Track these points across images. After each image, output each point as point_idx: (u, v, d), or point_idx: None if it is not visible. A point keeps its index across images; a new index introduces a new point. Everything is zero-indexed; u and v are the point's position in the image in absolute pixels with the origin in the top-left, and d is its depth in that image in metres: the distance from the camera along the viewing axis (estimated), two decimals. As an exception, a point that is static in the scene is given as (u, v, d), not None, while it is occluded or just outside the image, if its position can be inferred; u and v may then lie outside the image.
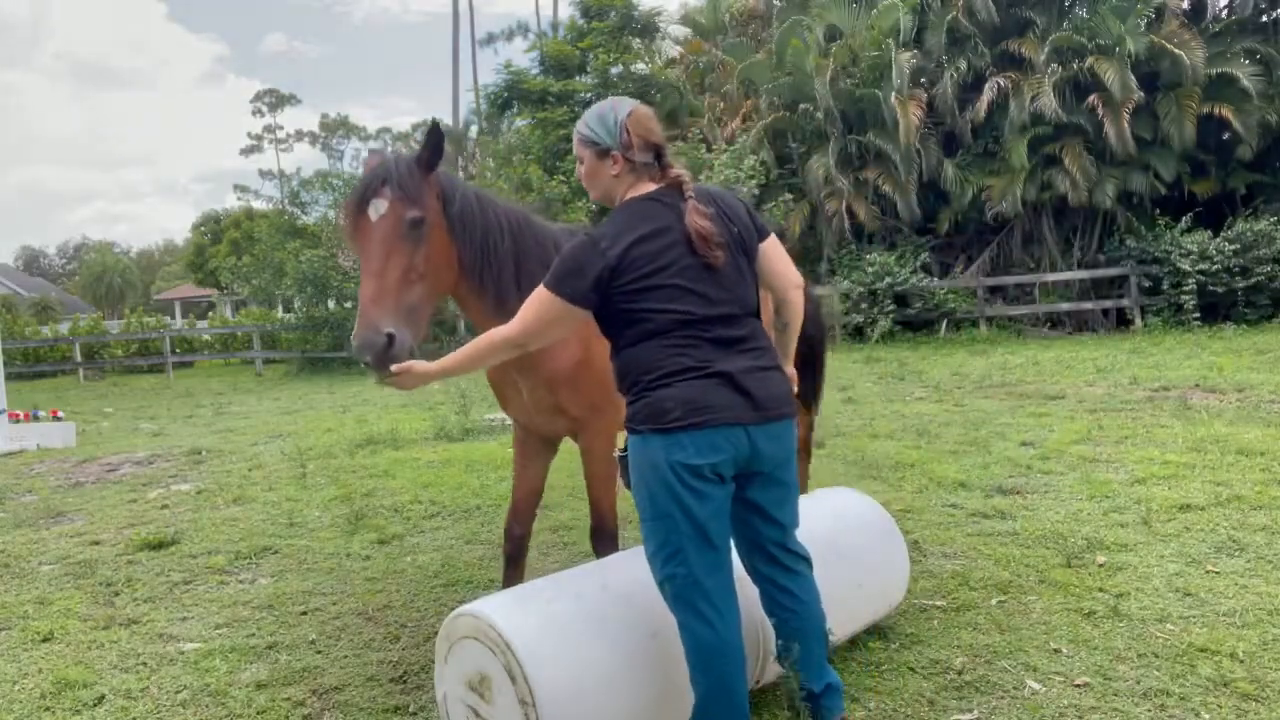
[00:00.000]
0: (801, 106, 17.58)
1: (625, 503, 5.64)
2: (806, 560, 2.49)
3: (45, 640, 3.77)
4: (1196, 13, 16.19)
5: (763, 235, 2.43)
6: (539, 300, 2.32)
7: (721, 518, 2.27)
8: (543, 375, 3.03)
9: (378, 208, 2.59)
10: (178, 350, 23.32)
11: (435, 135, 2.66)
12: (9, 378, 15.99)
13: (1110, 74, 14.50)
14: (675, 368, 2.21)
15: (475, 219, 2.84)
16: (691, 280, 2.24)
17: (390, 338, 2.46)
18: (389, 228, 2.57)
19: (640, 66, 22.43)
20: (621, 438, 2.57)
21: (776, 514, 2.39)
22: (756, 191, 16.33)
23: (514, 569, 3.43)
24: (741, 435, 2.22)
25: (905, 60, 15.90)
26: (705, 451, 2.17)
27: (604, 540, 3.33)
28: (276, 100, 55.96)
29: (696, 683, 2.28)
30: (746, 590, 2.49)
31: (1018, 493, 5.19)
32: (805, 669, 2.47)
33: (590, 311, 2.31)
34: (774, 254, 2.46)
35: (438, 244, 2.71)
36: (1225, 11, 16.54)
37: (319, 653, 3.49)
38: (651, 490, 2.24)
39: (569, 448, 3.60)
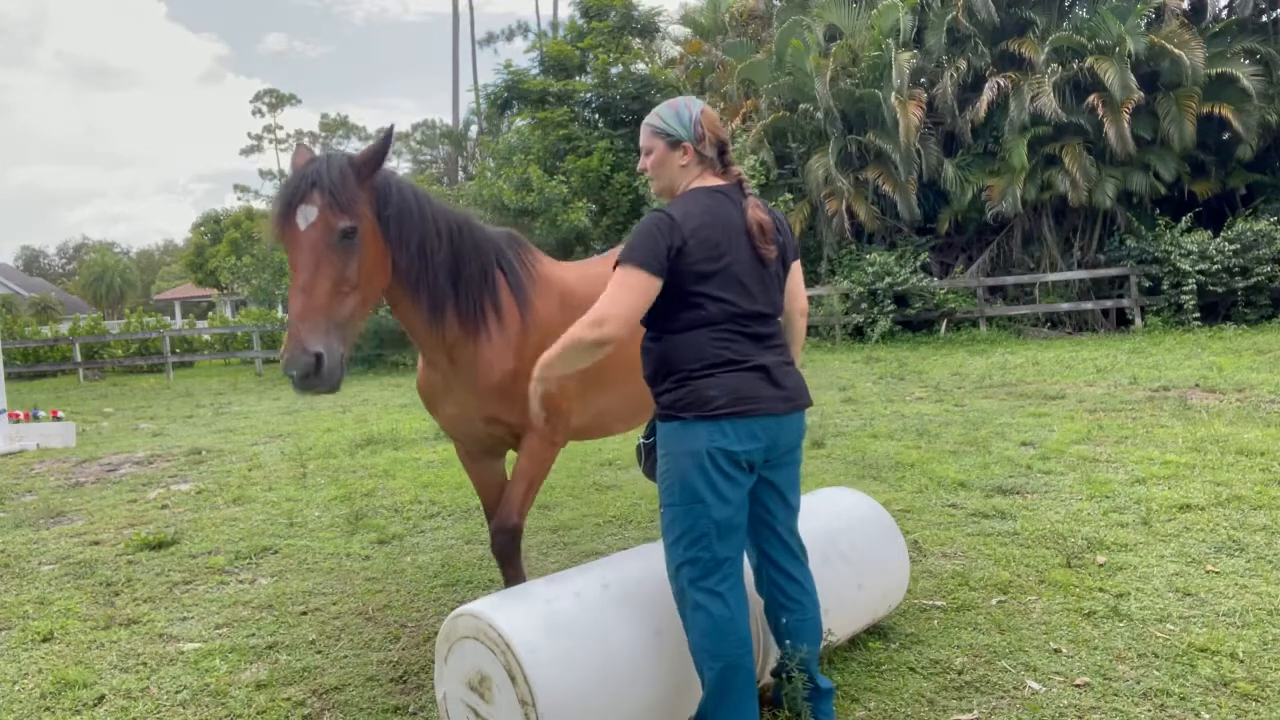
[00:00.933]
0: (801, 106, 17.58)
1: (624, 502, 5.63)
2: (806, 553, 2.63)
3: (45, 640, 3.77)
4: (1196, 13, 16.19)
5: (795, 255, 2.61)
6: (630, 283, 2.27)
7: (744, 508, 2.39)
8: (478, 387, 2.93)
9: (306, 215, 2.47)
10: (177, 350, 23.32)
11: (384, 141, 2.59)
12: (9, 378, 16.01)
13: (1110, 74, 14.51)
14: (720, 359, 2.33)
15: (413, 224, 2.74)
16: (743, 274, 2.37)
17: (318, 357, 2.39)
18: (318, 238, 2.46)
19: (640, 66, 22.42)
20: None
21: (790, 495, 2.53)
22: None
23: (511, 569, 3.41)
24: (774, 425, 2.37)
25: (905, 60, 15.89)
26: (745, 439, 2.30)
27: (503, 534, 3.10)
28: (276, 100, 55.99)
29: (708, 668, 2.32)
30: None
31: (1018, 493, 5.19)
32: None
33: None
34: (798, 275, 2.66)
35: (371, 252, 2.60)
36: (1225, 11, 16.53)
37: (319, 653, 3.49)
38: (686, 475, 2.30)
39: (574, 447, 3.60)
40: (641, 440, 2.53)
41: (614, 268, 2.36)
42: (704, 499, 2.29)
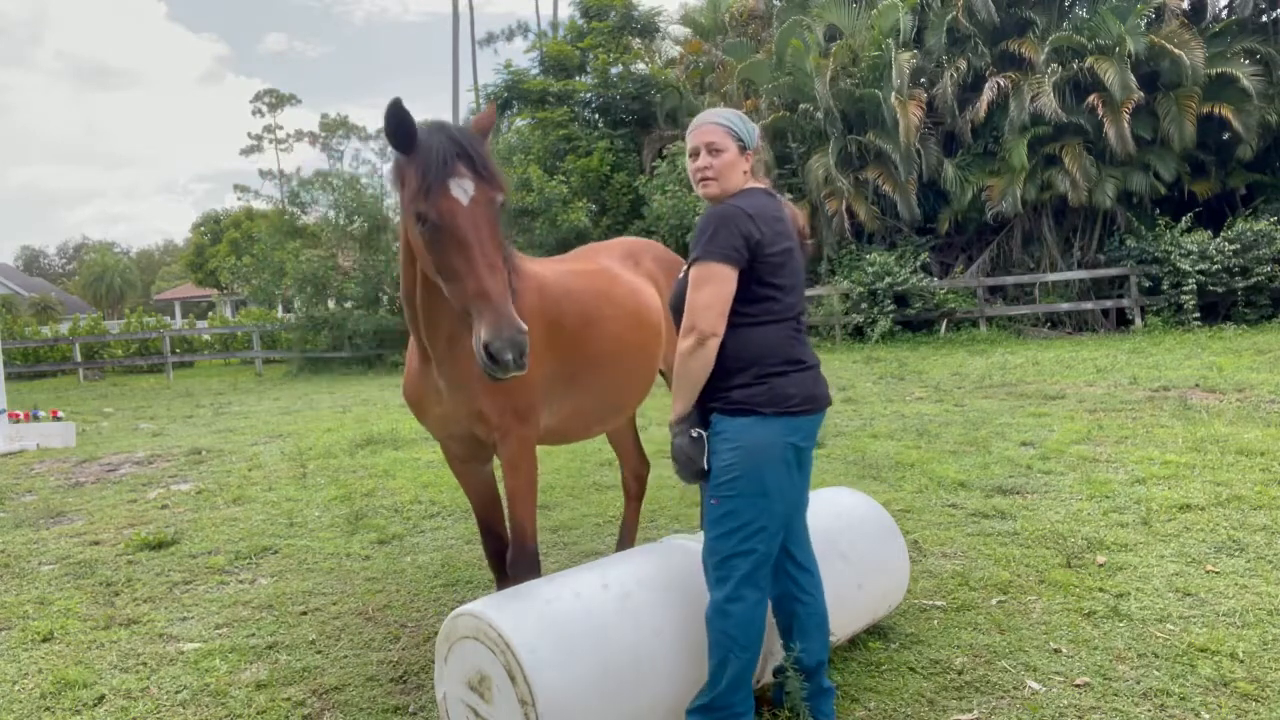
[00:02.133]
0: (801, 106, 17.57)
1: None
2: (814, 557, 2.73)
3: (45, 640, 3.77)
4: (1196, 13, 16.18)
5: None
6: (712, 274, 2.35)
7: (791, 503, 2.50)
8: (467, 378, 2.83)
9: (464, 188, 2.38)
10: (177, 350, 23.33)
11: (494, 111, 2.64)
12: (9, 378, 16.00)
13: (1110, 74, 14.50)
14: (792, 357, 2.45)
15: None
16: (796, 272, 2.51)
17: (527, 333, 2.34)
18: (488, 213, 2.41)
19: (640, 66, 22.44)
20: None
21: (807, 489, 2.65)
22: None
23: (507, 581, 3.32)
24: (819, 421, 2.53)
25: (905, 60, 15.89)
26: (809, 436, 2.47)
27: (525, 565, 3.00)
28: (276, 100, 55.92)
29: (735, 658, 2.35)
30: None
31: (1018, 493, 5.19)
32: (805, 664, 2.52)
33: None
34: None
35: None
36: (1225, 11, 16.53)
37: (319, 653, 3.49)
38: (759, 469, 2.36)
39: (574, 448, 3.59)
40: (697, 430, 2.44)
41: (688, 265, 2.41)
42: (770, 493, 2.37)
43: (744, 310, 2.41)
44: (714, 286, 2.34)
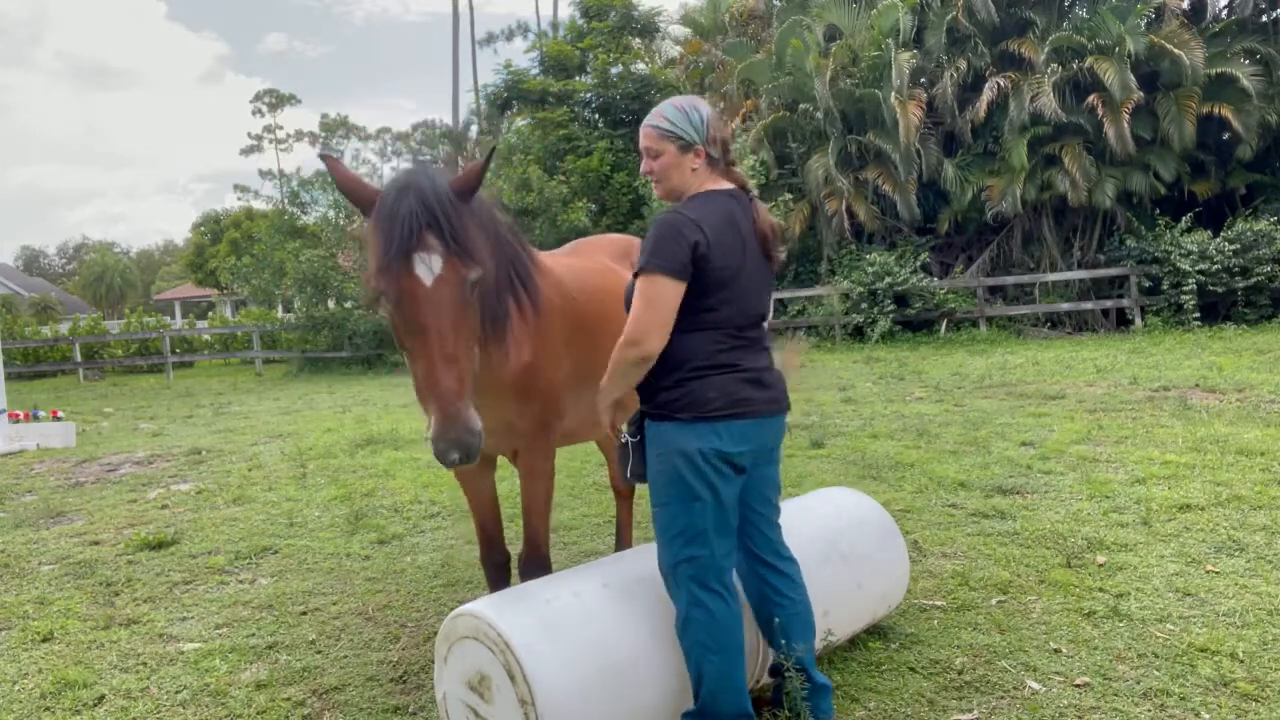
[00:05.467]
0: (801, 106, 17.58)
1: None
2: (789, 549, 2.65)
3: (45, 640, 3.77)
4: (1196, 13, 16.19)
5: None
6: (658, 293, 2.25)
7: (735, 505, 2.43)
8: (493, 385, 2.71)
9: (429, 265, 2.13)
10: (177, 350, 23.32)
11: (486, 162, 2.36)
12: (9, 378, 15.99)
13: (1110, 74, 14.50)
14: (717, 362, 2.35)
15: (498, 250, 2.53)
16: (752, 279, 2.40)
17: (480, 435, 2.16)
18: (450, 293, 2.14)
19: (640, 66, 22.43)
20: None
21: (772, 494, 2.59)
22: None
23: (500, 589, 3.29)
24: (761, 426, 2.42)
25: (905, 60, 15.89)
26: (738, 441, 2.34)
27: (536, 568, 3.00)
28: (276, 100, 55.88)
29: (708, 662, 2.33)
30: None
31: (1018, 493, 5.18)
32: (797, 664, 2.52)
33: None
34: None
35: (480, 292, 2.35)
36: (1225, 11, 16.53)
37: (319, 653, 3.49)
38: (680, 474, 2.32)
39: (574, 449, 3.58)
40: (628, 438, 2.45)
41: (634, 276, 2.33)
42: (701, 496, 2.32)
43: (679, 318, 2.32)
44: (656, 301, 2.25)
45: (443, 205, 2.18)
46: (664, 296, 2.26)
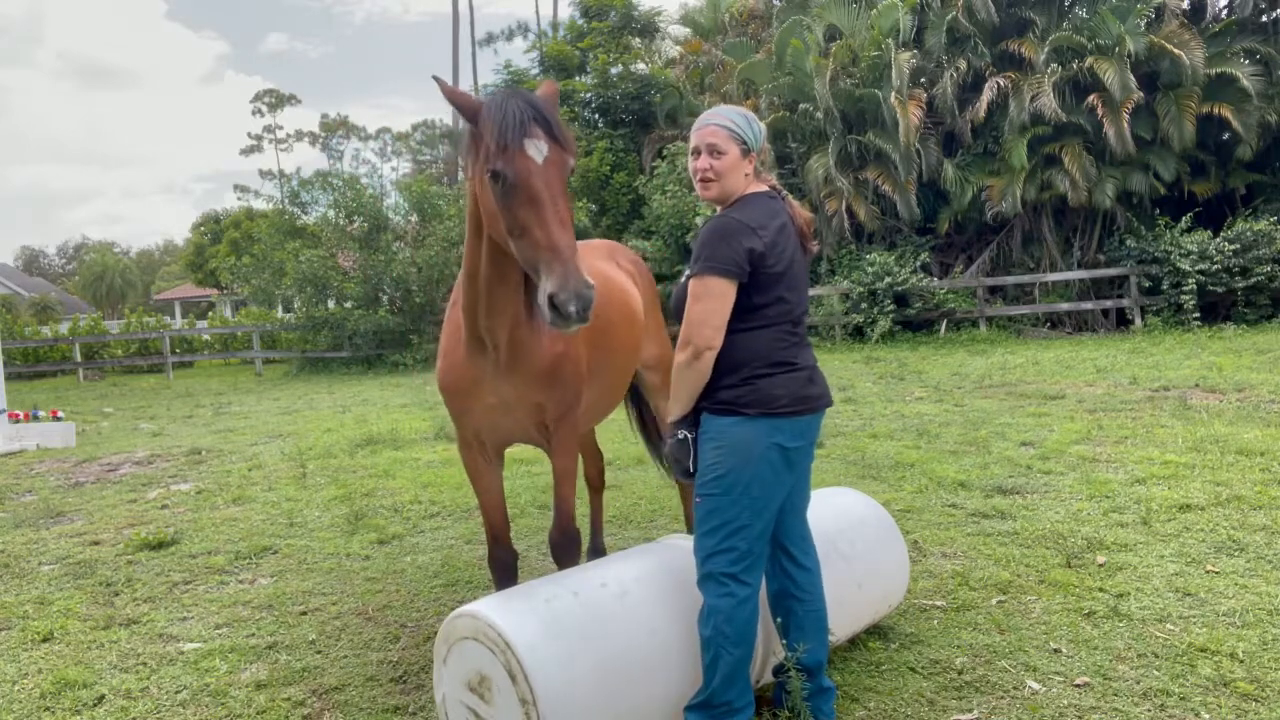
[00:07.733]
0: (801, 106, 17.57)
1: (624, 502, 5.62)
2: (814, 552, 2.72)
3: (45, 640, 3.77)
4: (1196, 13, 16.18)
5: None
6: (713, 292, 2.37)
7: (779, 505, 2.51)
8: (529, 371, 2.86)
9: (540, 149, 2.42)
10: (177, 350, 23.32)
11: (554, 90, 2.65)
12: (9, 378, 16.00)
13: (1110, 74, 14.50)
14: (780, 359, 2.46)
15: None
16: (797, 276, 2.52)
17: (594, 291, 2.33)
18: (558, 174, 2.43)
19: (640, 66, 22.43)
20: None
21: (806, 488, 2.69)
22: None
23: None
24: (813, 422, 2.54)
25: (905, 60, 15.89)
26: (797, 436, 2.46)
27: (569, 548, 3.18)
28: (276, 100, 55.84)
29: (727, 653, 2.37)
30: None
31: (1018, 493, 5.19)
32: (805, 664, 2.52)
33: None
34: None
35: None
36: (1225, 11, 16.52)
37: (319, 653, 3.49)
38: (741, 468, 2.38)
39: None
40: (685, 433, 2.49)
41: (687, 278, 2.42)
42: (753, 492, 2.39)
43: (739, 316, 2.42)
44: (712, 302, 2.37)
45: (544, 104, 2.49)
46: (718, 296, 2.37)
